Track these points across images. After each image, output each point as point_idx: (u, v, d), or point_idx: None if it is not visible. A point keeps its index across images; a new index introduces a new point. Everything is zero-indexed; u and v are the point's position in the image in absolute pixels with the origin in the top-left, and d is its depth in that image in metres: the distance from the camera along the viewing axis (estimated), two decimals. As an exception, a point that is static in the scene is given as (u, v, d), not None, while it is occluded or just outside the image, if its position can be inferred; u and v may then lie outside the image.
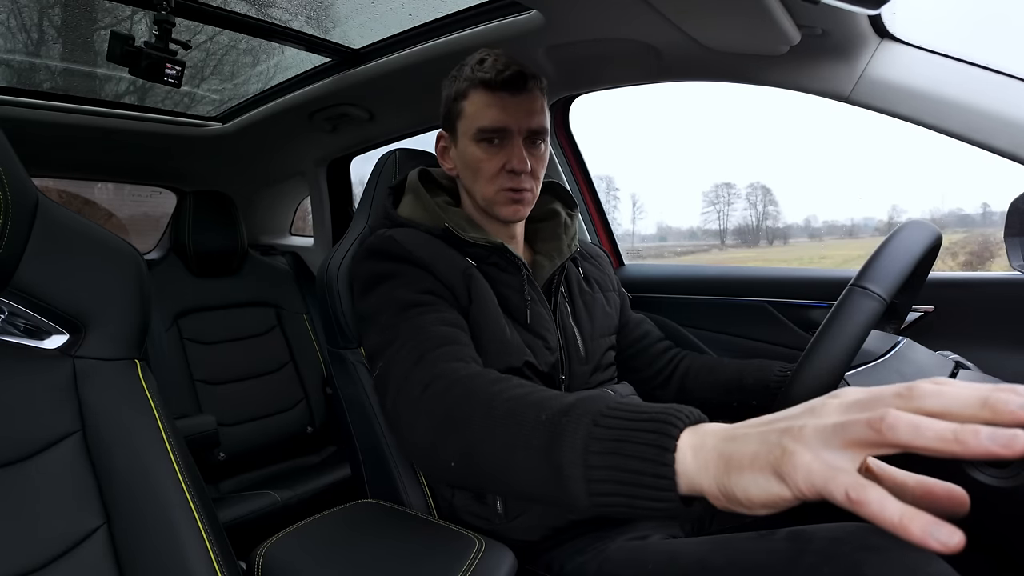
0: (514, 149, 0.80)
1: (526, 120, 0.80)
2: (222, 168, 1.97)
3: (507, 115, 0.80)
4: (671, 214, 20.21)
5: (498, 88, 0.79)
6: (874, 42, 0.89)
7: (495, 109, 0.79)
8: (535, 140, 0.82)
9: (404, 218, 0.86)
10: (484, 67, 0.80)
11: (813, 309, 1.16)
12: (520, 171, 0.80)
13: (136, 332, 0.63)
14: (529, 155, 0.81)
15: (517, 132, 0.80)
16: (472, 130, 0.81)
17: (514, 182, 0.81)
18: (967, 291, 1.00)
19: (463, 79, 0.82)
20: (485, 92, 0.80)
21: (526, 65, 0.81)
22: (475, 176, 0.83)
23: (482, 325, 0.77)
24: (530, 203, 0.85)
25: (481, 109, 0.80)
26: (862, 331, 0.63)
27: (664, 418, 0.42)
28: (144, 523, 0.55)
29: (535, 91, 0.81)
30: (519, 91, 0.80)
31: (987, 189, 4.33)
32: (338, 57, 1.41)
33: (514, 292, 0.83)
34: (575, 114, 1.48)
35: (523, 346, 0.80)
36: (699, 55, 1.00)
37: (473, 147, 0.82)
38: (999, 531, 0.68)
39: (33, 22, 1.31)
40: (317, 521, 0.76)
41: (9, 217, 0.53)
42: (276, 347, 1.80)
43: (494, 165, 0.81)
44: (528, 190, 0.83)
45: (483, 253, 0.83)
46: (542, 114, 0.83)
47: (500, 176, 0.81)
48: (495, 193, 0.82)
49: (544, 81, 0.84)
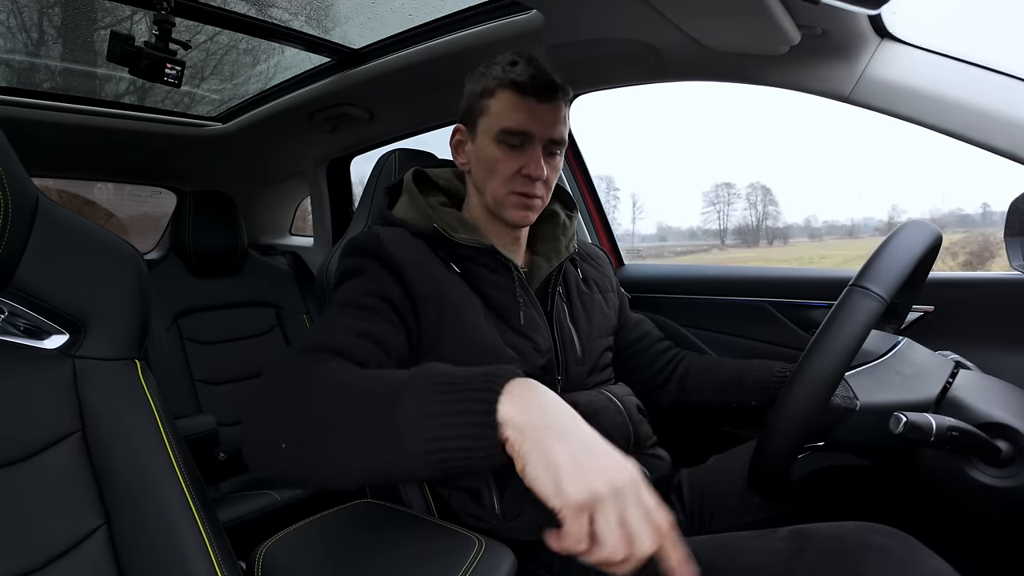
0: (533, 155, 0.80)
1: (550, 129, 0.80)
2: (222, 168, 1.97)
3: (532, 120, 0.79)
4: (671, 214, 20.23)
5: (528, 92, 0.79)
6: (874, 42, 0.89)
7: (522, 113, 0.79)
8: (554, 150, 0.82)
9: (398, 218, 0.86)
10: (517, 69, 0.80)
11: (813, 309, 1.16)
12: (536, 177, 0.80)
13: (136, 332, 0.63)
14: (546, 163, 0.81)
15: (539, 139, 0.80)
16: (495, 129, 0.81)
17: (527, 187, 0.81)
18: (967, 291, 1.00)
19: (492, 77, 0.81)
20: (514, 94, 0.79)
21: (557, 74, 0.81)
22: (489, 175, 0.83)
23: (457, 334, 0.76)
24: (538, 210, 0.85)
25: (507, 110, 0.80)
26: (862, 331, 0.63)
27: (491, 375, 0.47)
28: (144, 523, 0.55)
29: (561, 101, 0.81)
30: (547, 99, 0.80)
31: (987, 189, 4.33)
32: (338, 57, 1.41)
33: (505, 294, 0.82)
34: (575, 114, 1.48)
35: (505, 350, 0.79)
36: (699, 55, 1.00)
37: (492, 146, 0.81)
38: (998, 530, 0.68)
39: (33, 22, 1.31)
40: (317, 521, 0.76)
41: (9, 217, 0.53)
42: (276, 347, 1.80)
43: (510, 167, 0.81)
44: (539, 197, 0.83)
45: (472, 254, 0.82)
46: (564, 125, 0.83)
47: (514, 179, 0.81)
48: (506, 195, 0.82)
49: (571, 92, 0.84)
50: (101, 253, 0.62)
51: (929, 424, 0.59)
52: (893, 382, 0.72)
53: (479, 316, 0.79)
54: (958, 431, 0.60)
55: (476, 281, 0.82)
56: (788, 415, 0.62)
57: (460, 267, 0.82)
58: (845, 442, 0.72)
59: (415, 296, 0.76)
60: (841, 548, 0.60)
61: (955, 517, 0.71)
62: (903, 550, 0.59)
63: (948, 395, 0.69)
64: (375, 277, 0.75)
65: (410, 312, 0.75)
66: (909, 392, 0.70)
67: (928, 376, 0.72)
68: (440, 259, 0.81)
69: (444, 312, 0.77)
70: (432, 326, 0.76)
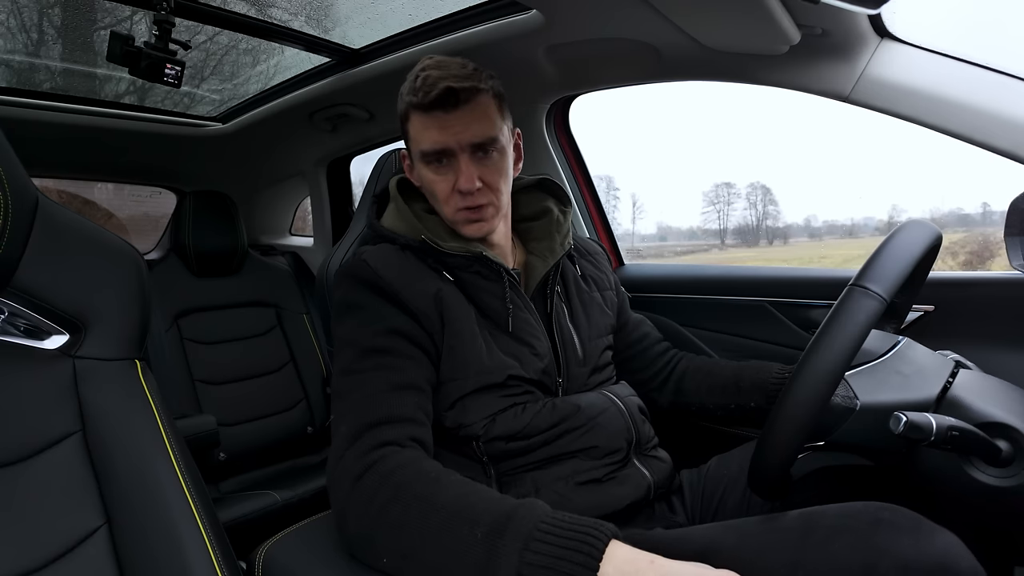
0: (460, 168, 0.77)
1: (465, 135, 0.76)
2: (222, 168, 1.97)
3: (444, 135, 0.76)
4: (671, 214, 20.18)
5: (431, 108, 0.75)
6: (874, 42, 0.89)
7: (432, 131, 0.76)
8: (485, 150, 0.78)
9: (386, 229, 0.85)
10: (415, 87, 0.76)
11: (813, 309, 1.16)
12: (468, 191, 0.77)
13: (136, 332, 0.63)
14: (479, 168, 0.77)
15: (459, 150, 0.76)
16: (418, 153, 0.79)
17: (467, 201, 0.78)
18: (967, 291, 1.00)
19: (403, 101, 0.79)
20: (421, 114, 0.76)
21: (461, 73, 0.76)
22: (433, 197, 0.81)
23: (456, 348, 0.76)
24: (493, 216, 0.81)
25: (420, 132, 0.77)
26: (862, 331, 0.63)
27: (587, 550, 0.51)
28: (144, 523, 0.56)
29: (473, 99, 0.76)
30: (453, 107, 0.75)
31: (987, 189, 4.33)
32: (338, 57, 1.41)
33: (496, 299, 0.81)
34: (575, 114, 1.48)
35: (504, 360, 0.78)
36: (699, 55, 1.00)
37: (424, 169, 0.80)
38: (998, 530, 0.68)
39: (33, 22, 1.31)
40: (317, 521, 0.76)
41: (9, 217, 0.53)
42: (276, 347, 1.80)
43: (446, 186, 0.79)
44: (486, 205, 0.79)
45: (464, 262, 0.81)
46: (484, 122, 0.77)
47: (453, 196, 0.79)
48: (454, 213, 0.80)
49: (489, 80, 0.78)
50: (101, 253, 0.62)
51: (929, 424, 0.59)
52: (893, 382, 0.72)
53: (473, 325, 0.78)
54: (958, 431, 0.60)
55: (470, 289, 0.81)
56: (788, 415, 0.62)
57: (453, 276, 0.81)
58: (845, 442, 0.72)
59: (418, 315, 0.75)
60: (851, 524, 0.60)
61: (955, 517, 0.71)
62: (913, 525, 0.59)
63: (948, 395, 0.69)
64: (376, 310, 0.75)
65: (422, 334, 0.75)
66: (909, 392, 0.70)
67: (928, 376, 0.72)
68: (432, 269, 0.80)
69: (446, 326, 0.77)
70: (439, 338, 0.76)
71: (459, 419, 0.76)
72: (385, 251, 0.80)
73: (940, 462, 0.66)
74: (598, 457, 0.79)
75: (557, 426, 0.78)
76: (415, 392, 0.72)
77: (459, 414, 0.76)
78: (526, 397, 0.80)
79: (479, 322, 0.79)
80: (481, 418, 0.76)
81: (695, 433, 1.19)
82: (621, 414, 0.83)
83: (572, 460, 0.78)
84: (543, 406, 0.78)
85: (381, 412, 0.67)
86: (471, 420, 0.76)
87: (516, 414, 0.77)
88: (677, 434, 1.04)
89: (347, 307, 0.77)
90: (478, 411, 0.76)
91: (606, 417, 0.81)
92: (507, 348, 0.80)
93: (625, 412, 0.84)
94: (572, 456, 0.78)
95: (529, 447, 0.77)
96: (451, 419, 0.76)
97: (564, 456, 0.78)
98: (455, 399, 0.76)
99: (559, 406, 0.79)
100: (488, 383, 0.77)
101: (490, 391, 0.77)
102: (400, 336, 0.74)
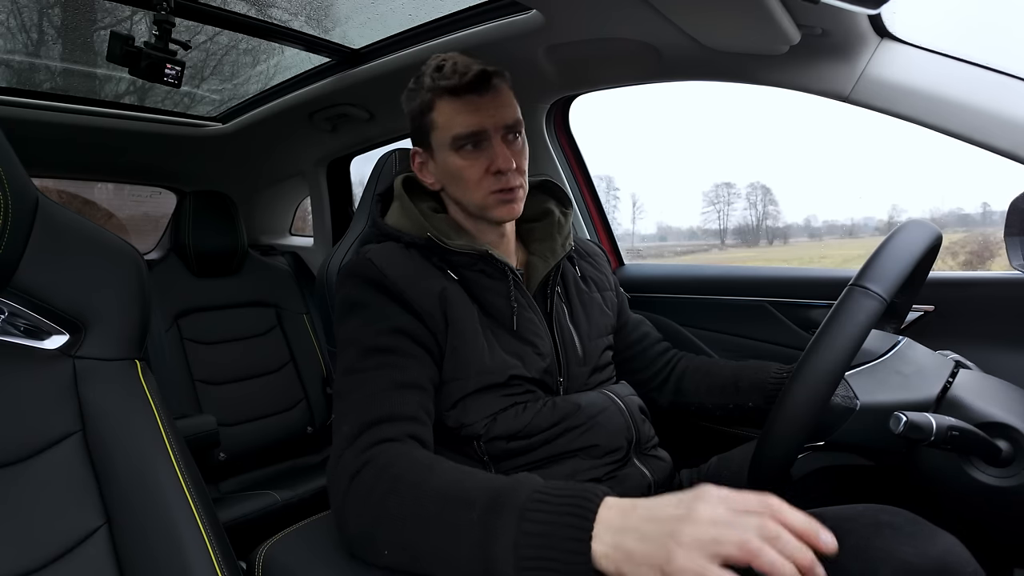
0: (495, 149, 0.79)
1: (500, 117, 0.78)
2: (222, 168, 1.97)
3: (481, 117, 0.78)
4: (671, 214, 20.19)
5: (464, 92, 0.77)
6: (874, 42, 0.89)
7: (466, 114, 0.78)
8: (512, 134, 0.81)
9: (391, 227, 0.85)
10: (444, 73, 0.78)
11: (813, 309, 1.16)
12: (506, 170, 0.78)
13: (136, 332, 0.63)
14: (510, 150, 0.79)
15: (494, 131, 0.78)
16: (447, 140, 0.79)
17: (502, 182, 0.79)
18: (967, 291, 1.00)
19: (426, 90, 0.80)
20: (452, 99, 0.78)
21: (484, 62, 0.79)
22: (461, 185, 0.81)
23: (459, 348, 0.76)
24: (522, 199, 0.83)
25: (452, 117, 0.78)
26: (862, 331, 0.63)
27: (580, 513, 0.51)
28: (144, 523, 0.56)
29: (501, 86, 0.80)
30: (486, 90, 0.78)
31: (987, 189, 4.33)
32: (338, 57, 1.41)
33: (501, 298, 0.82)
34: (575, 114, 1.48)
35: (506, 360, 0.78)
36: (699, 55, 1.00)
37: (453, 156, 0.80)
38: (998, 530, 0.68)
39: (33, 22, 1.31)
40: (317, 521, 0.76)
41: (9, 217, 0.53)
42: (276, 347, 1.80)
43: (478, 170, 0.79)
44: (518, 187, 0.81)
45: (468, 260, 0.81)
46: (513, 107, 0.81)
47: (486, 179, 0.80)
48: (485, 197, 0.80)
49: (507, 73, 0.82)
50: (101, 253, 0.62)
51: (929, 424, 0.59)
52: (893, 382, 0.72)
53: (475, 325, 0.78)
54: (958, 431, 0.60)
55: (474, 288, 0.81)
56: (788, 415, 0.62)
57: (457, 274, 0.81)
58: (845, 442, 0.72)
59: (422, 315, 0.75)
60: (851, 527, 0.60)
61: (955, 517, 0.71)
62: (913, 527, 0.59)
63: (948, 395, 0.69)
64: (380, 309, 0.75)
65: (426, 333, 0.75)
66: (909, 392, 0.70)
67: (928, 376, 0.72)
68: (436, 267, 0.81)
69: (449, 326, 0.77)
70: (443, 337, 0.76)
71: (460, 419, 0.76)
72: (390, 249, 0.81)
73: (940, 462, 0.66)
74: (598, 456, 0.79)
75: (557, 425, 0.78)
76: (417, 391, 0.72)
77: (460, 414, 0.76)
78: (527, 396, 0.80)
79: (482, 321, 0.80)
80: (482, 417, 0.76)
81: (695, 433, 1.19)
82: (621, 413, 0.83)
83: (572, 459, 0.78)
84: (544, 405, 0.79)
85: (382, 410, 0.67)
86: (472, 420, 0.76)
87: (517, 413, 0.77)
88: (677, 434, 1.04)
89: (351, 306, 0.77)
90: (479, 411, 0.77)
91: (606, 416, 0.81)
92: (510, 347, 0.80)
93: (625, 411, 0.84)
94: (572, 455, 0.78)
95: (530, 446, 0.77)
96: (453, 419, 0.76)
97: (564, 455, 0.78)
98: (457, 399, 0.76)
99: (559, 405, 0.79)
100: (489, 383, 0.77)
101: (491, 391, 0.77)
102: (404, 335, 0.74)
